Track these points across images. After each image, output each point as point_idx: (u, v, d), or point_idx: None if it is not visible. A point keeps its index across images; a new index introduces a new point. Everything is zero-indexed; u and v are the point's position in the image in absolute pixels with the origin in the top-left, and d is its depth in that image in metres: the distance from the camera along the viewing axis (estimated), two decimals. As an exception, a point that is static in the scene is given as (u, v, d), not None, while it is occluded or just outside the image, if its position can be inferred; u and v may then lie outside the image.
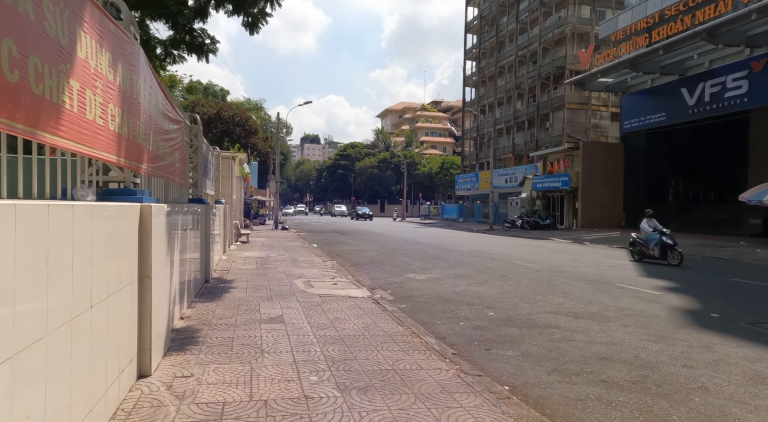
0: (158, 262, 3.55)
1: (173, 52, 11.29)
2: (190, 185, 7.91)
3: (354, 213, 50.26)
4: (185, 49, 11.39)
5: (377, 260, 12.24)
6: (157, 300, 3.50)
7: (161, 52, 10.48)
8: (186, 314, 5.37)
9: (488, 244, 17.65)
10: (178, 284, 4.95)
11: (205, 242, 7.87)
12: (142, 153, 3.67)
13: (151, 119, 4.14)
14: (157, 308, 3.50)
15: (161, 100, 4.78)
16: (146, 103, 3.88)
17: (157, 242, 3.47)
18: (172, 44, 10.55)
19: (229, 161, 13.98)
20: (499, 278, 9.09)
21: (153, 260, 3.34)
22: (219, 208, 11.09)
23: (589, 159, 25.16)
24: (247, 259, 11.28)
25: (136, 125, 3.49)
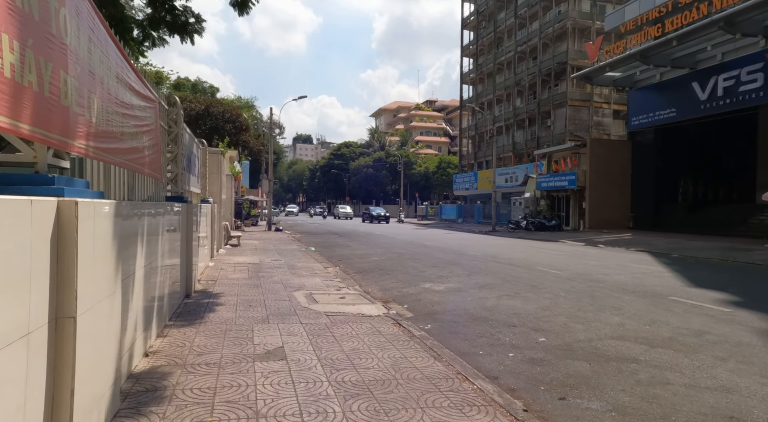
0: (94, 291, 2.28)
1: (152, 33, 9.94)
2: (168, 181, 6.60)
3: (367, 214, 40.71)
4: (166, 30, 10.07)
5: (384, 266, 10.99)
6: (90, 350, 2.23)
7: (138, 33, 9.17)
8: (154, 348, 4.07)
9: (499, 247, 16.50)
10: (141, 307, 3.67)
11: (186, 248, 6.57)
12: (73, 123, 2.39)
13: (96, 79, 2.85)
14: (89, 363, 2.22)
15: (118, 61, 3.48)
16: (84, 53, 2.61)
17: (90, 259, 2.20)
18: (150, 24, 9.22)
19: (218, 157, 12.64)
20: (531, 289, 7.89)
21: (81, 289, 2.06)
22: (206, 208, 9.77)
23: (596, 157, 24.17)
24: (237, 266, 9.96)
25: (58, 77, 2.21)
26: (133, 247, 3.43)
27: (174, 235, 5.73)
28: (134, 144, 4.05)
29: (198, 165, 10.24)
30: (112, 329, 2.71)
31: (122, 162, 3.58)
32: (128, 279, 3.16)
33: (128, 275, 3.15)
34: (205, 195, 11.15)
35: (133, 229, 3.43)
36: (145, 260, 3.89)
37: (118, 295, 2.79)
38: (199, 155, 10.40)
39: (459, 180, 46.26)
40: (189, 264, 6.60)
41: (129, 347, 3.27)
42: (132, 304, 3.33)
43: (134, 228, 3.50)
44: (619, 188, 24.41)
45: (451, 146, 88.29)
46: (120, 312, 2.88)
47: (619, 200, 24.50)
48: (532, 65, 37.81)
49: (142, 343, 3.75)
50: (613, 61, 22.28)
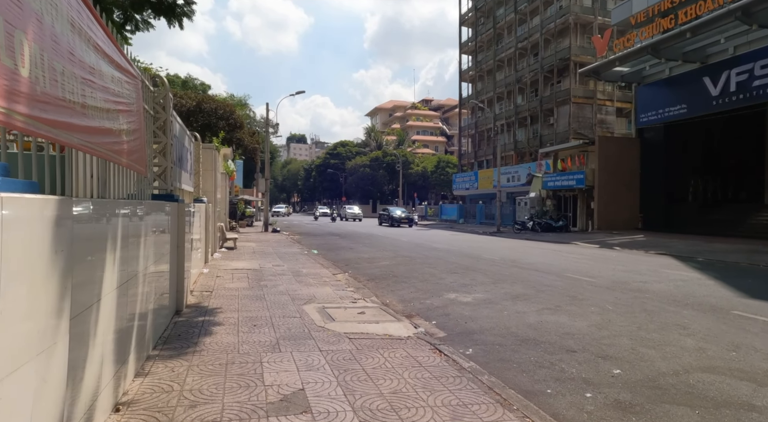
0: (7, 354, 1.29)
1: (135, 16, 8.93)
2: (155, 176, 5.57)
3: (385, 216, 32.90)
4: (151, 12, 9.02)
5: (397, 272, 10.02)
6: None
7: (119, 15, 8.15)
8: (129, 395, 3.06)
9: (513, 250, 15.60)
10: (112, 339, 2.68)
11: (177, 255, 5.56)
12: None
13: (26, 10, 1.86)
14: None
15: (74, 4, 2.48)
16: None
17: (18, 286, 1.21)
18: (133, 6, 8.23)
19: (212, 153, 11.59)
20: (571, 301, 6.97)
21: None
22: (199, 208, 8.75)
23: (605, 155, 23.38)
24: (236, 272, 8.93)
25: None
26: (100, 263, 2.43)
27: (162, 239, 4.73)
28: (105, 124, 3.04)
29: (190, 161, 9.22)
30: (49, 396, 1.71)
31: (84, 145, 2.56)
32: (87, 312, 2.17)
33: (87, 305, 2.16)
34: (199, 194, 10.13)
35: (100, 236, 2.44)
36: (120, 277, 2.89)
37: (61, 346, 1.79)
38: (191, 150, 9.38)
39: (459, 180, 45.40)
40: (180, 274, 5.58)
41: (87, 405, 2.27)
42: (94, 342, 2.33)
43: (103, 235, 2.51)
44: (627, 187, 23.66)
45: (448, 145, 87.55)
46: (65, 369, 1.88)
47: (628, 200, 23.74)
48: (534, 62, 37.06)
49: (111, 391, 2.75)
50: (623, 54, 21.47)
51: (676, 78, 21.65)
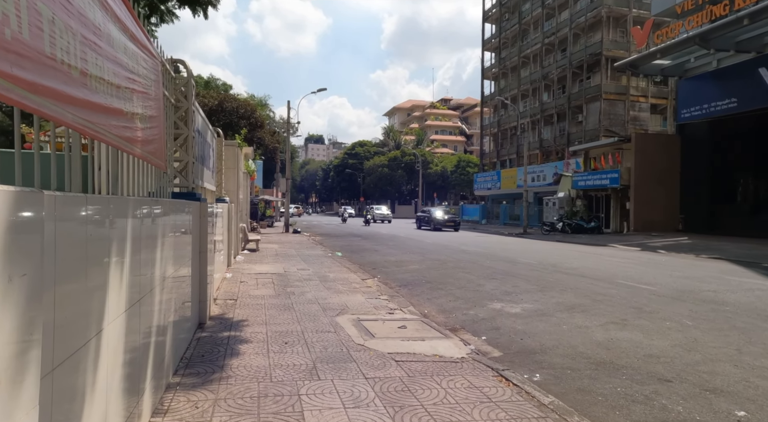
0: None
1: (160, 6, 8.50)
2: (176, 172, 5.03)
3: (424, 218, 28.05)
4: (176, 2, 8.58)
5: (430, 277, 9.31)
6: None
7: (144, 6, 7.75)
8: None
9: (549, 253, 14.69)
10: (120, 373, 2.08)
11: (200, 261, 4.99)
12: None
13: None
14: None
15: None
16: None
17: None
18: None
19: (235, 150, 11.12)
20: (638, 314, 6.14)
21: None
22: (222, 208, 8.24)
23: (642, 153, 22.11)
24: (260, 277, 8.37)
25: None
26: (101, 283, 1.82)
27: (183, 243, 4.16)
28: (114, 103, 2.44)
29: (213, 158, 8.72)
30: None
31: (83, 125, 1.95)
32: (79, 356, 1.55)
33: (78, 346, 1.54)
34: (221, 193, 9.63)
35: (102, 246, 1.83)
36: (131, 296, 2.28)
37: None
38: (214, 147, 8.88)
39: (480, 179, 44.32)
40: (203, 282, 5.01)
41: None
42: (93, 390, 1.72)
43: (106, 244, 1.90)
44: (666, 187, 22.32)
45: (467, 144, 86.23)
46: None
47: (666, 201, 22.40)
48: (561, 58, 35.78)
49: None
50: (666, 46, 20.18)
51: (725, 70, 20.19)
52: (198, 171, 6.38)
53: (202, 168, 6.90)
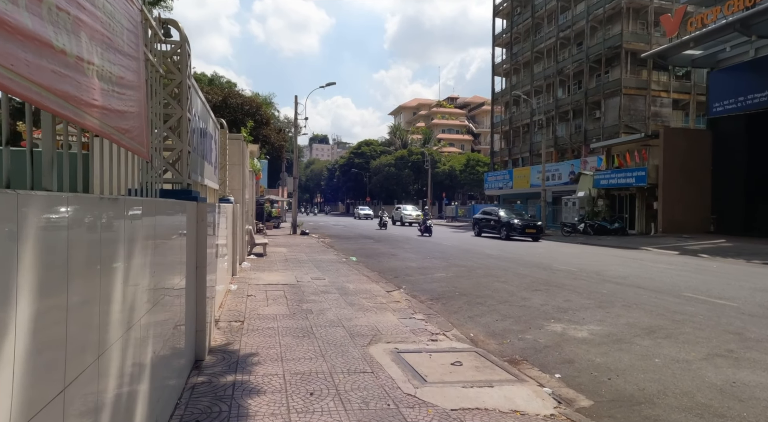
0: None
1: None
2: (167, 164, 3.91)
3: (492, 222, 21.09)
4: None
5: (461, 287, 8.15)
6: None
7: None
8: None
9: (581, 257, 13.49)
10: None
11: (196, 278, 3.87)
12: None
13: None
14: None
15: None
16: None
17: None
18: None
19: (240, 144, 10.00)
20: (742, 342, 4.95)
21: None
22: (226, 209, 7.14)
23: (671, 149, 20.80)
24: (270, 289, 7.25)
25: None
26: None
27: (175, 255, 3.05)
28: (48, 38, 1.29)
29: (215, 152, 7.60)
30: None
31: None
32: None
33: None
34: (225, 192, 8.52)
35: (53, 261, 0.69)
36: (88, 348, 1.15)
37: None
38: (217, 139, 7.77)
39: (491, 179, 43.05)
40: (201, 303, 3.90)
41: None
42: None
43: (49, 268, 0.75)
44: (696, 186, 21.00)
45: (475, 143, 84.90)
46: None
47: (696, 201, 21.08)
48: (577, 52, 34.45)
49: None
50: (701, 34, 18.84)
51: (763, 60, 18.80)
52: (197, 164, 5.27)
53: (202, 162, 5.79)
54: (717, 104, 20.44)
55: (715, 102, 20.67)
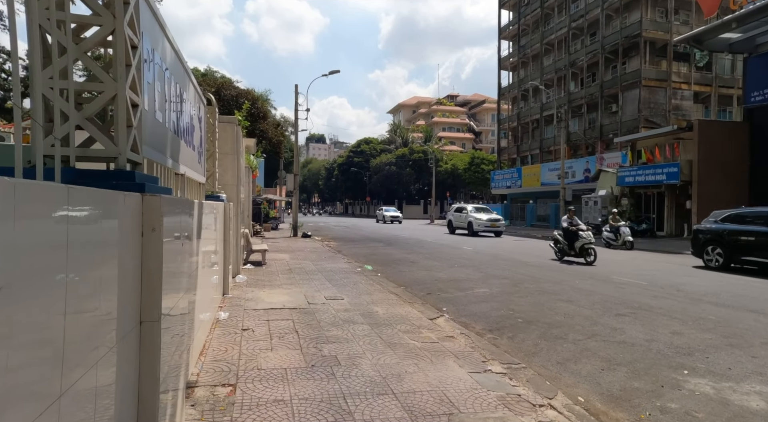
0: None
1: None
2: (81, 119, 1.99)
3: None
4: None
5: (521, 310, 6.32)
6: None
7: None
8: None
9: (631, 265, 11.74)
10: None
11: (137, 347, 1.97)
12: None
13: None
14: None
15: None
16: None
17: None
18: None
19: (234, 129, 8.10)
20: None
21: None
22: (217, 208, 5.28)
23: (707, 143, 19.07)
24: (273, 318, 5.36)
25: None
26: None
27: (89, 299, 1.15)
28: None
29: (200, 133, 5.73)
30: None
31: None
32: None
33: None
34: (214, 187, 6.66)
35: None
36: None
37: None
38: (202, 117, 5.90)
39: (498, 177, 41.29)
40: (149, 399, 2.01)
41: None
42: None
43: None
44: (733, 182, 19.29)
45: (476, 142, 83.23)
46: None
47: (732, 199, 19.33)
48: (591, 42, 32.72)
49: None
50: (746, 12, 16.99)
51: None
52: (165, 140, 3.41)
53: (176, 141, 3.92)
54: (755, 93, 18.75)
55: (753, 91, 18.97)
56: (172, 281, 2.36)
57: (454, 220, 23.61)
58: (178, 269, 2.55)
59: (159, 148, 3.25)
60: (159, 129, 3.26)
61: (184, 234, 2.86)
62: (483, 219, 21.74)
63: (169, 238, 2.21)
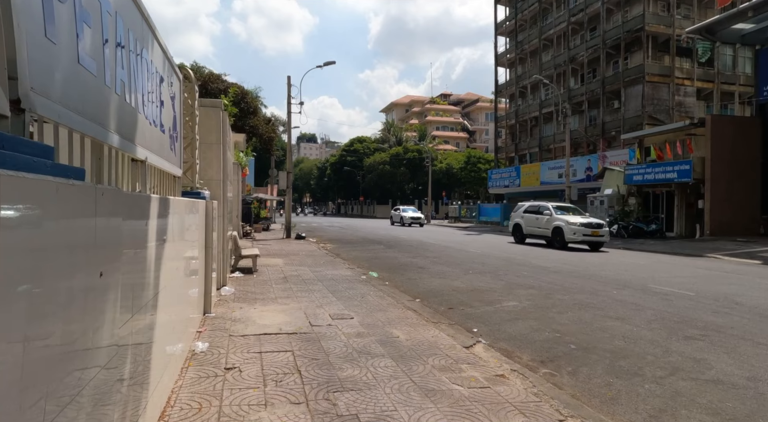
0: None
1: None
2: None
3: None
4: None
5: (567, 330, 5.24)
6: None
7: None
8: None
9: (657, 270, 10.77)
10: None
11: None
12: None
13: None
14: None
15: None
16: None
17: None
18: None
19: (219, 115, 6.88)
20: None
21: None
22: (196, 207, 4.09)
23: (720, 140, 18.27)
24: (266, 350, 4.17)
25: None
26: None
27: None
28: None
29: (174, 114, 4.52)
30: None
31: None
32: None
33: None
34: (194, 182, 5.46)
35: None
36: None
37: None
38: (176, 93, 4.68)
39: (495, 176, 40.42)
40: None
41: None
42: None
43: None
44: (746, 181, 18.54)
45: (470, 141, 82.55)
46: None
47: (746, 198, 18.62)
48: (592, 37, 31.94)
49: None
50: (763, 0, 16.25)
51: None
52: (94, 96, 2.20)
53: (128, 112, 2.73)
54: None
55: (766, 85, 18.21)
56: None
57: (525, 224, 16.99)
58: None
59: (87, 110, 2.07)
60: (87, 83, 2.08)
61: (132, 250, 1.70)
62: (577, 224, 14.74)
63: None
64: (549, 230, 15.70)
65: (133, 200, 2.24)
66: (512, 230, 17.98)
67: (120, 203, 1.97)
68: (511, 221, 18.18)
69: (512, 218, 18.25)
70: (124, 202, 2.06)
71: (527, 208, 17.55)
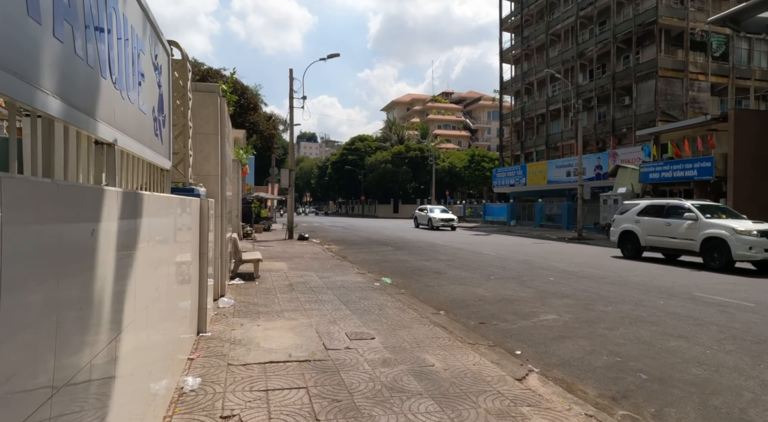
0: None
1: None
2: None
3: None
4: None
5: (631, 353, 4.43)
6: None
7: None
8: None
9: (694, 277, 9.93)
10: None
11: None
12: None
13: None
14: None
15: None
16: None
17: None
18: None
19: (217, 101, 6.04)
20: None
21: None
22: (188, 206, 3.25)
23: (743, 135, 17.44)
24: (272, 381, 3.34)
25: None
26: None
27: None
28: None
29: (160, 92, 3.66)
30: None
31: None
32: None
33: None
34: (187, 177, 4.64)
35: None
36: None
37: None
38: (162, 67, 3.80)
39: (500, 175, 39.54)
40: None
41: None
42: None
43: None
44: (766, 178, 17.69)
45: (472, 139, 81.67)
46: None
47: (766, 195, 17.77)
48: (601, 32, 31.08)
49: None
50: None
51: None
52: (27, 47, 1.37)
53: (88, 74, 1.90)
54: (797, 81, 17.10)
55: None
56: None
57: (644, 232, 12.22)
58: None
59: (20, 68, 1.25)
60: (19, 28, 1.26)
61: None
62: (752, 232, 9.89)
63: None
64: (696, 242, 10.68)
65: (70, 194, 1.41)
66: (618, 239, 13.03)
67: (32, 199, 1.15)
68: (616, 227, 13.18)
69: (617, 222, 13.24)
70: (43, 196, 1.23)
71: (646, 208, 12.46)
